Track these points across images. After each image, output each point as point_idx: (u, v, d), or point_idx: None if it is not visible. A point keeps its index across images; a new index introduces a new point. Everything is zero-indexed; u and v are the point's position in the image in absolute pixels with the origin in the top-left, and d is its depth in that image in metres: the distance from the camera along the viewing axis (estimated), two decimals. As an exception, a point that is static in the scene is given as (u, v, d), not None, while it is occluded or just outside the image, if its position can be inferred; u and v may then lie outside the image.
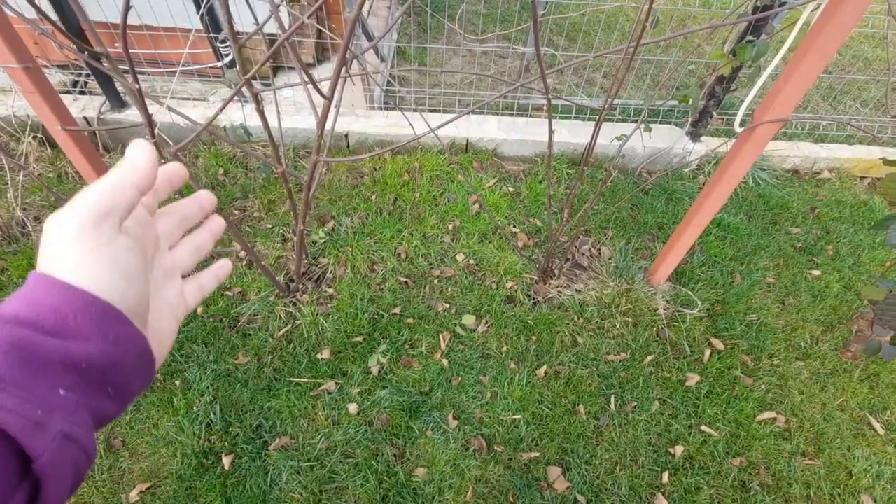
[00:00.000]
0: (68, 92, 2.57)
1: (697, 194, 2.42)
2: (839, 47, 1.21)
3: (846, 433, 1.71)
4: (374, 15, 3.47)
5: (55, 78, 2.56)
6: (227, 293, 1.91)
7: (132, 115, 2.44)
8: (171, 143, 2.41)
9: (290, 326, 1.83)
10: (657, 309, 1.91)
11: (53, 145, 2.46)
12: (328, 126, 1.24)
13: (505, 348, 1.82)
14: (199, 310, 1.85)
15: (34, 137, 2.42)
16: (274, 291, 1.89)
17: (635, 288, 1.94)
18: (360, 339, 1.80)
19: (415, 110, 2.55)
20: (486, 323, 1.89)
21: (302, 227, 1.63)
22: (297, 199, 1.60)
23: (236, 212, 2.22)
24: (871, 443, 1.69)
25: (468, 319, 1.88)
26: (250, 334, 1.81)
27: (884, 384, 1.82)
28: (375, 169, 2.45)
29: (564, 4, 2.97)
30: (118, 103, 2.44)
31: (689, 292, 1.98)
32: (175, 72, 2.30)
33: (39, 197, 2.22)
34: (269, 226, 2.16)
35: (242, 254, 2.05)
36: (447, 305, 1.93)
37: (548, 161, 1.46)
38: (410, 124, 1.42)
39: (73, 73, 2.59)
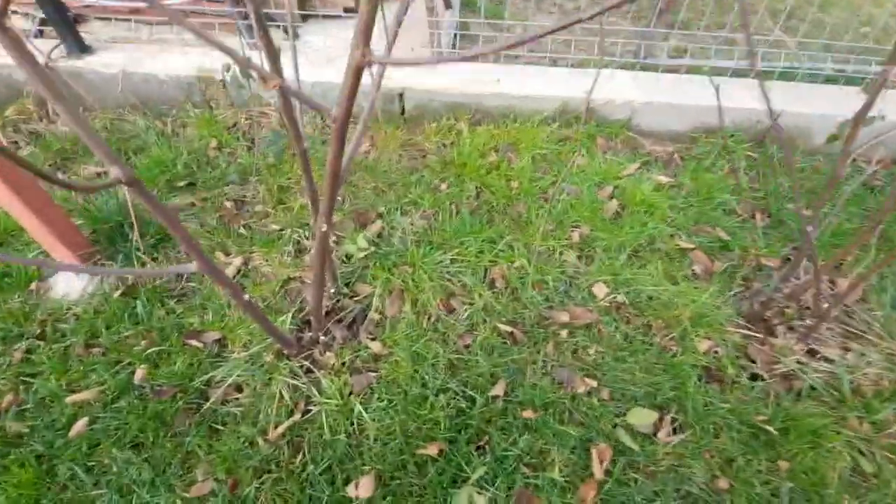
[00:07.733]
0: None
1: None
2: None
3: None
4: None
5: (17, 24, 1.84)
6: (192, 342, 1.06)
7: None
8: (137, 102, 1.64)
9: (297, 416, 0.96)
10: None
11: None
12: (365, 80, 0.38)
13: (722, 482, 0.90)
14: (138, 375, 1.01)
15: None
16: (273, 345, 1.04)
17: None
18: (431, 449, 0.92)
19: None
20: (674, 422, 0.98)
21: (325, 228, 0.77)
22: (319, 185, 0.80)
23: (228, 204, 1.39)
24: None
25: (641, 416, 0.97)
26: (224, 428, 0.95)
27: None
28: (444, 145, 1.60)
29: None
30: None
31: None
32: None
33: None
34: (277, 227, 1.32)
35: (193, 267, 1.21)
36: (593, 383, 1.02)
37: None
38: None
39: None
